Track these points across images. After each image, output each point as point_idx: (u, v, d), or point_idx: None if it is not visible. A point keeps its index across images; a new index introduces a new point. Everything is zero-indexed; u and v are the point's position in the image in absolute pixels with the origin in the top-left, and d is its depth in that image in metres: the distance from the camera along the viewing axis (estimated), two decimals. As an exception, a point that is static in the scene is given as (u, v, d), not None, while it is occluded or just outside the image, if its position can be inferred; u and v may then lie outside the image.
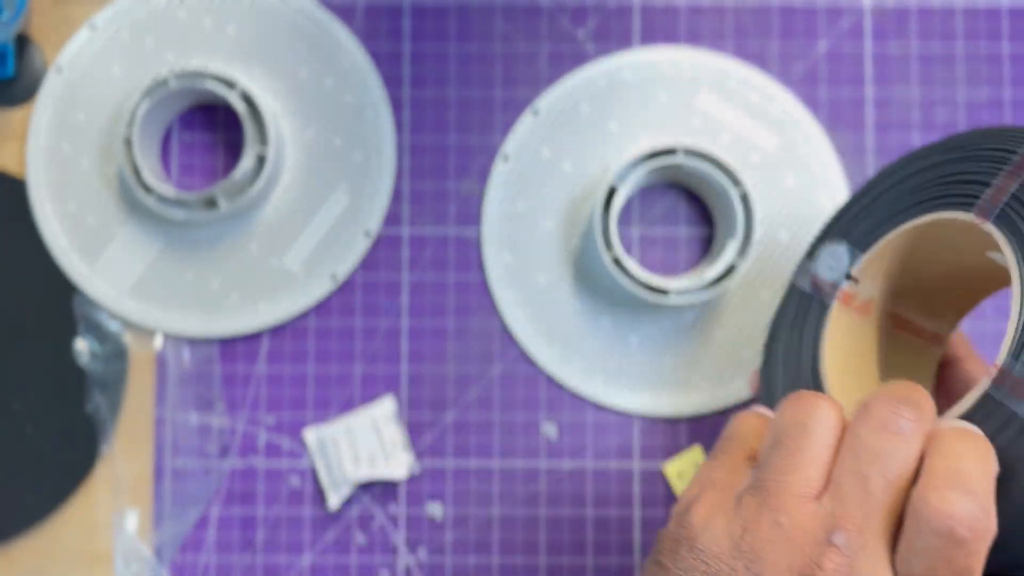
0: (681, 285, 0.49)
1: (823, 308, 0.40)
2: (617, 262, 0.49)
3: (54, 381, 0.53)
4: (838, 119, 0.53)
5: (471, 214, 0.53)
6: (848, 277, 0.40)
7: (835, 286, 0.40)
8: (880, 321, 0.41)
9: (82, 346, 0.53)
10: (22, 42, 0.54)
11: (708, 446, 0.52)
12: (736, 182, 0.49)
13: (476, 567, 0.52)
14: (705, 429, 0.52)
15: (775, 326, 0.42)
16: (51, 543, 0.53)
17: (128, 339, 0.53)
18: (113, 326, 0.53)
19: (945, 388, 0.41)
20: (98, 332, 0.53)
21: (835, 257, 0.40)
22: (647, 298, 0.49)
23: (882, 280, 0.40)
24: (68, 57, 0.54)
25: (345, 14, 0.54)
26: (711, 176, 0.49)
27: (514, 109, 0.54)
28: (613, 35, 0.54)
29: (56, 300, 0.53)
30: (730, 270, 0.49)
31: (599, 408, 0.53)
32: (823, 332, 0.39)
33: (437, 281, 0.53)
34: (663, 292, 0.49)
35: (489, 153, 0.54)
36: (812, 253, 0.42)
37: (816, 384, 0.38)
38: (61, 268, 0.53)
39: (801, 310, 0.41)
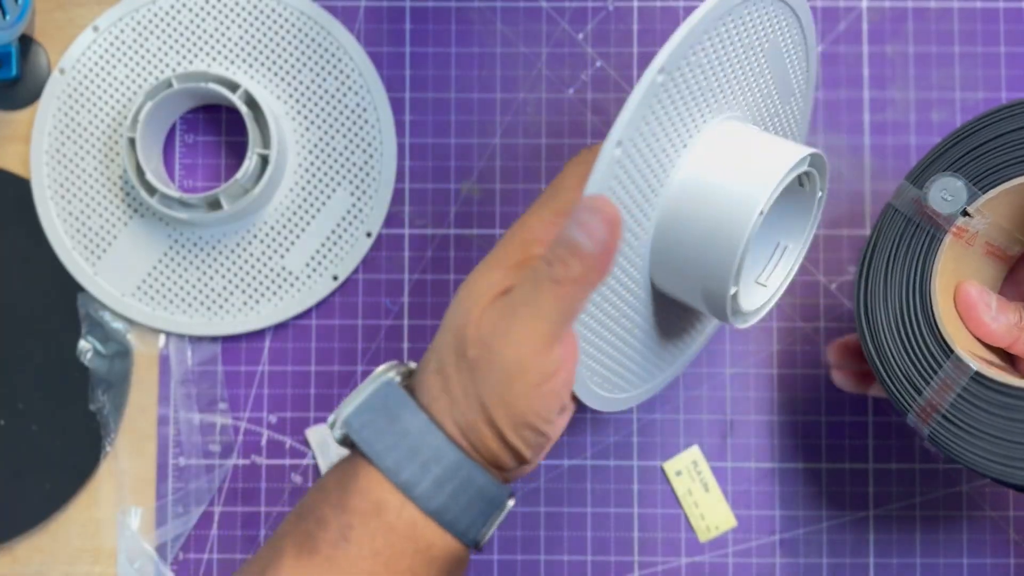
0: (757, 300, 0.43)
1: (933, 238, 0.42)
2: (734, 296, 0.40)
3: (58, 380, 0.53)
4: (835, 120, 0.54)
5: (471, 214, 0.54)
6: (964, 213, 0.42)
7: (949, 219, 0.42)
8: (978, 249, 0.44)
9: (86, 345, 0.53)
10: (26, 44, 0.54)
11: (706, 445, 0.53)
12: (822, 187, 0.43)
13: (476, 564, 0.53)
14: (703, 428, 0.53)
15: (873, 248, 0.44)
16: (55, 541, 0.53)
17: (132, 338, 0.54)
18: (117, 325, 0.53)
19: (1014, 279, 0.46)
20: (102, 331, 0.53)
21: (952, 191, 0.42)
22: (735, 323, 0.41)
23: (991, 217, 0.42)
24: (72, 59, 0.54)
25: (347, 17, 0.54)
26: (814, 180, 0.42)
27: (514, 111, 0.54)
28: (612, 37, 0.54)
29: (60, 300, 0.53)
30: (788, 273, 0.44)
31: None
32: (935, 261, 0.42)
33: (438, 281, 0.54)
34: (748, 313, 0.42)
35: (489, 154, 0.54)
36: (919, 181, 0.43)
37: (927, 307, 0.41)
38: (65, 268, 0.54)
39: (906, 236, 0.43)
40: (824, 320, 0.53)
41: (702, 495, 0.53)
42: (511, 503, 0.38)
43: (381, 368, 0.38)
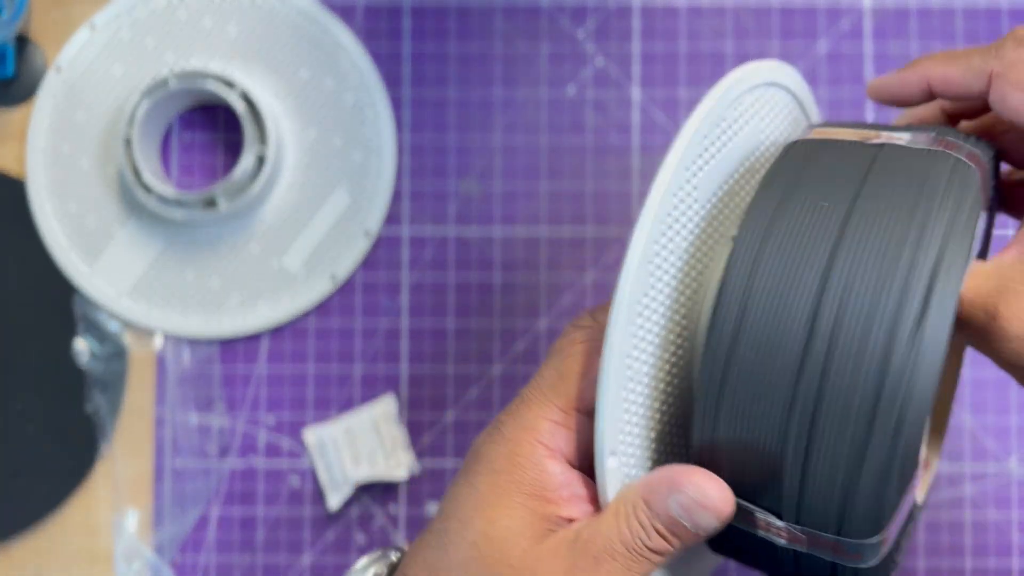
0: None
1: None
2: None
3: (54, 381, 0.53)
4: (837, 119, 0.54)
5: (471, 213, 0.54)
6: None
7: None
8: None
9: (82, 346, 0.53)
10: (22, 42, 0.54)
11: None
12: None
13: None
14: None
15: None
16: (51, 543, 0.53)
17: (128, 339, 0.53)
18: (113, 326, 0.53)
19: None
20: (98, 332, 0.53)
21: None
22: None
23: None
24: (68, 57, 0.54)
25: (345, 14, 0.54)
26: None
27: (513, 109, 0.54)
28: (613, 35, 0.54)
29: (56, 300, 0.53)
30: None
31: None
32: None
33: (437, 281, 0.53)
34: None
35: (488, 153, 0.54)
36: None
37: None
38: (61, 268, 0.53)
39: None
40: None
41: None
42: None
43: (363, 562, 0.34)
